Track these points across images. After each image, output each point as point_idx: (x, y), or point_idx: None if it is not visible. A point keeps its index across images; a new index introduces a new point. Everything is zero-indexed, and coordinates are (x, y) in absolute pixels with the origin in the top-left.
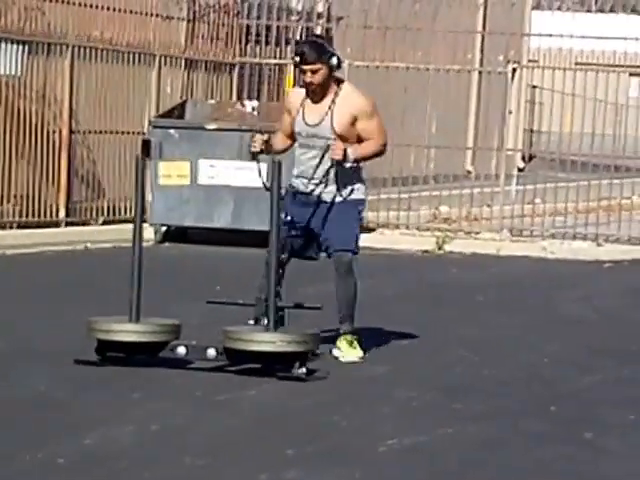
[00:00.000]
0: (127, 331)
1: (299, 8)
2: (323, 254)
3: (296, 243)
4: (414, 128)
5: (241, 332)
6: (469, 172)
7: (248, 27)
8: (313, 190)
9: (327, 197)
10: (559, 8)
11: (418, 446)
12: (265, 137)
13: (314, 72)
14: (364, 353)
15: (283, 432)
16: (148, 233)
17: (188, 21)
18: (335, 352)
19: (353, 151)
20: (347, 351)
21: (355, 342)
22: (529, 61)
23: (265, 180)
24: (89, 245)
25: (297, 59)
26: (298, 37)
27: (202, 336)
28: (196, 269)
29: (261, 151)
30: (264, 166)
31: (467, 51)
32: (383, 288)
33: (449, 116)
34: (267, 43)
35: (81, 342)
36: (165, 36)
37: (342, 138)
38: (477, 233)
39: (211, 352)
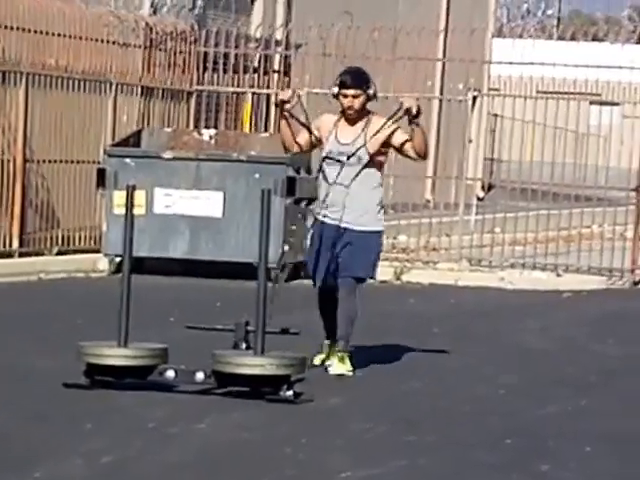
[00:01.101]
0: (116, 355)
1: (257, 35)
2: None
3: (335, 268)
4: None
5: (230, 355)
6: (428, 201)
7: (206, 54)
8: (336, 216)
9: (349, 225)
10: (520, 36)
11: (372, 479)
12: (298, 92)
13: (355, 97)
14: (353, 369)
15: (234, 466)
16: (103, 263)
17: (145, 48)
18: (327, 366)
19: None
20: (336, 365)
21: (346, 359)
22: (490, 89)
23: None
24: (43, 276)
25: (337, 86)
26: (256, 64)
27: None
28: (151, 299)
29: (287, 102)
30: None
31: (427, 79)
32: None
33: None
34: (225, 71)
35: (37, 372)
36: (121, 63)
37: (372, 157)
38: (435, 263)
39: (199, 375)
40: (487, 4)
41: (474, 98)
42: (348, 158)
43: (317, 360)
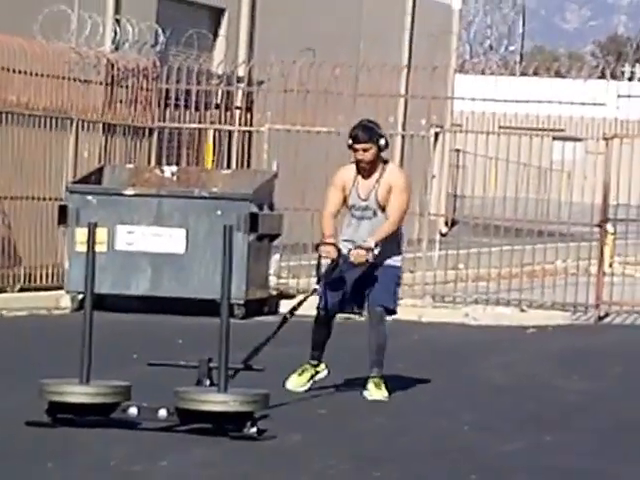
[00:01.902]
0: (78, 393)
1: (219, 72)
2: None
3: (343, 299)
4: None
5: (194, 392)
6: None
7: (168, 91)
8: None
9: (368, 260)
10: (483, 72)
11: None
12: (333, 253)
13: (365, 150)
14: (388, 393)
15: None
16: (65, 300)
17: (106, 85)
18: (364, 393)
19: (372, 241)
20: (373, 391)
21: (382, 384)
22: (452, 125)
23: None
24: (5, 313)
25: (350, 140)
26: (219, 101)
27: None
28: (113, 336)
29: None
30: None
31: (389, 115)
32: (302, 355)
33: None
34: (187, 107)
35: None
36: (83, 100)
37: (384, 209)
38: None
39: (162, 413)
40: (449, 41)
41: (436, 134)
42: (366, 208)
43: (293, 384)
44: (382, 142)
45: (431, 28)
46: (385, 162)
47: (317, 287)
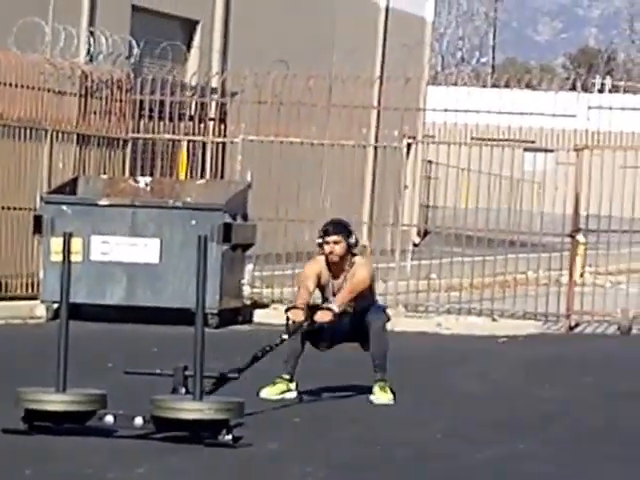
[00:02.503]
0: (54, 401)
1: (193, 83)
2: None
3: (325, 337)
4: (309, 203)
5: (169, 400)
6: (364, 247)
7: (141, 102)
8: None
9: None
10: (455, 83)
11: None
12: (301, 316)
13: (336, 243)
14: (394, 396)
15: None
16: (40, 310)
17: (80, 96)
18: (371, 397)
19: (334, 307)
20: (380, 395)
21: (387, 388)
22: (425, 136)
23: None
24: None
25: (322, 233)
26: (192, 112)
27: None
28: (89, 345)
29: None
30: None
31: (362, 126)
32: (275, 364)
33: (344, 191)
34: (161, 118)
35: None
36: (57, 111)
37: (358, 300)
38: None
39: (138, 420)
40: (422, 52)
41: (409, 145)
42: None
43: (266, 393)
44: (352, 240)
45: (404, 40)
46: (354, 256)
47: (285, 338)
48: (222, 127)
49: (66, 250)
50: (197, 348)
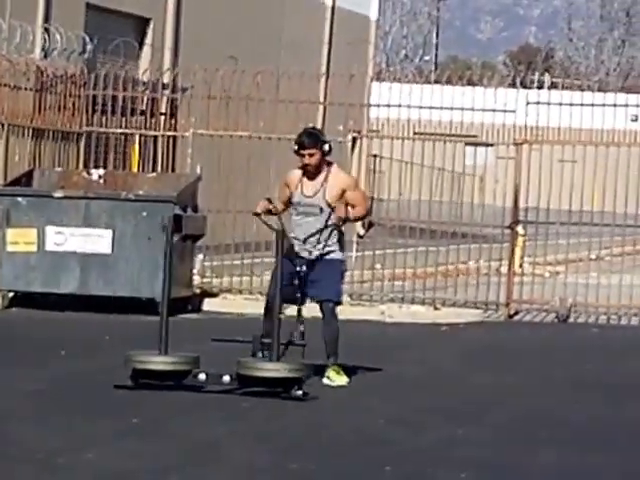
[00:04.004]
0: (158, 361)
1: (145, 79)
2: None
3: (290, 292)
4: (257, 195)
5: (253, 362)
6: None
7: (95, 97)
8: (305, 250)
9: (316, 255)
10: (398, 80)
11: None
12: (269, 205)
13: (311, 155)
14: (349, 379)
15: None
16: None
17: (36, 91)
18: (325, 380)
19: (351, 214)
20: (335, 378)
21: (341, 371)
22: (369, 131)
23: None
24: None
25: (296, 146)
26: (144, 107)
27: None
28: (42, 333)
29: (260, 214)
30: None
31: (309, 121)
32: (226, 351)
33: None
34: (113, 113)
35: None
36: (13, 106)
37: (331, 207)
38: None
39: (226, 378)
40: (366, 50)
41: (354, 139)
42: (312, 205)
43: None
44: (326, 147)
45: (349, 38)
46: (329, 164)
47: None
48: (173, 122)
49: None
50: (275, 319)
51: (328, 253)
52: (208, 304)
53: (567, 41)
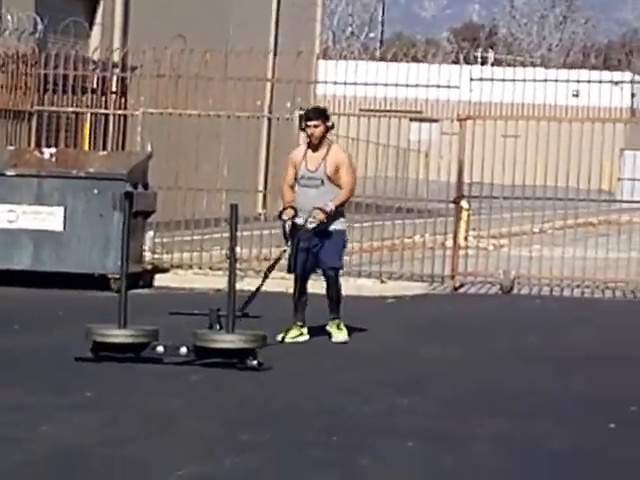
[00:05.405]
0: (117, 334)
1: (95, 58)
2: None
3: (304, 264)
4: (207, 172)
5: (208, 334)
6: (260, 214)
7: (46, 76)
8: (308, 221)
9: (319, 227)
10: (344, 57)
11: (204, 476)
12: (291, 211)
13: (316, 127)
14: (349, 336)
15: (70, 470)
16: None
17: None
18: (330, 337)
19: (332, 205)
20: (336, 333)
21: (342, 326)
22: None
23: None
24: None
25: (305, 118)
26: (95, 86)
27: None
28: None
29: (286, 220)
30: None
31: (257, 98)
32: (179, 325)
33: (241, 160)
34: (64, 92)
35: None
36: None
37: (330, 179)
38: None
39: (183, 350)
40: (313, 27)
41: (301, 116)
42: (315, 179)
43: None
44: (329, 123)
45: (296, 15)
46: (331, 143)
47: (287, 247)
48: (123, 100)
49: None
50: (230, 292)
51: (330, 224)
52: (159, 279)
53: (510, 18)
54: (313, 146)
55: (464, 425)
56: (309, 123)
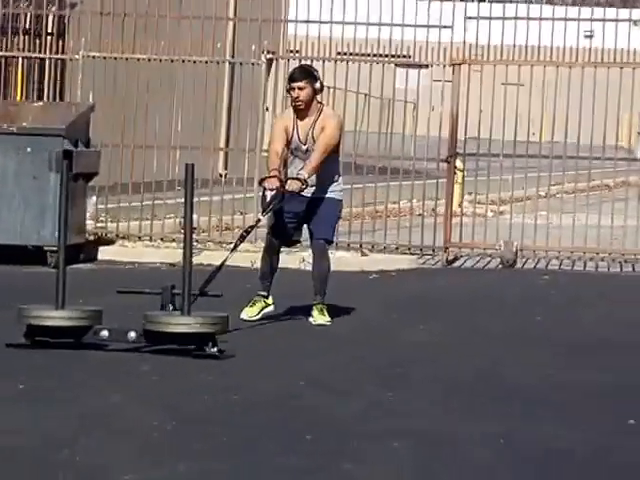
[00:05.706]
0: (54, 317)
1: None
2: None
3: (288, 230)
4: (158, 127)
5: (160, 316)
6: (221, 175)
7: None
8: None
9: (311, 194)
10: None
11: None
12: (278, 181)
13: (301, 89)
14: (331, 319)
15: (8, 471)
16: None
17: None
18: (309, 319)
19: (304, 173)
20: (318, 317)
21: (325, 310)
22: (287, 51)
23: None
24: None
25: (288, 79)
26: (28, 26)
27: None
28: None
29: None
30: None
31: (217, 40)
32: (127, 305)
33: (197, 113)
34: None
35: None
36: None
37: None
38: (229, 244)
39: (131, 335)
40: None
41: (269, 61)
42: (306, 151)
43: (246, 314)
44: (317, 85)
45: None
46: (321, 106)
47: (261, 217)
48: (61, 43)
49: None
50: (185, 268)
51: (326, 192)
52: (103, 252)
53: None
54: (300, 112)
55: (457, 423)
56: (293, 85)
